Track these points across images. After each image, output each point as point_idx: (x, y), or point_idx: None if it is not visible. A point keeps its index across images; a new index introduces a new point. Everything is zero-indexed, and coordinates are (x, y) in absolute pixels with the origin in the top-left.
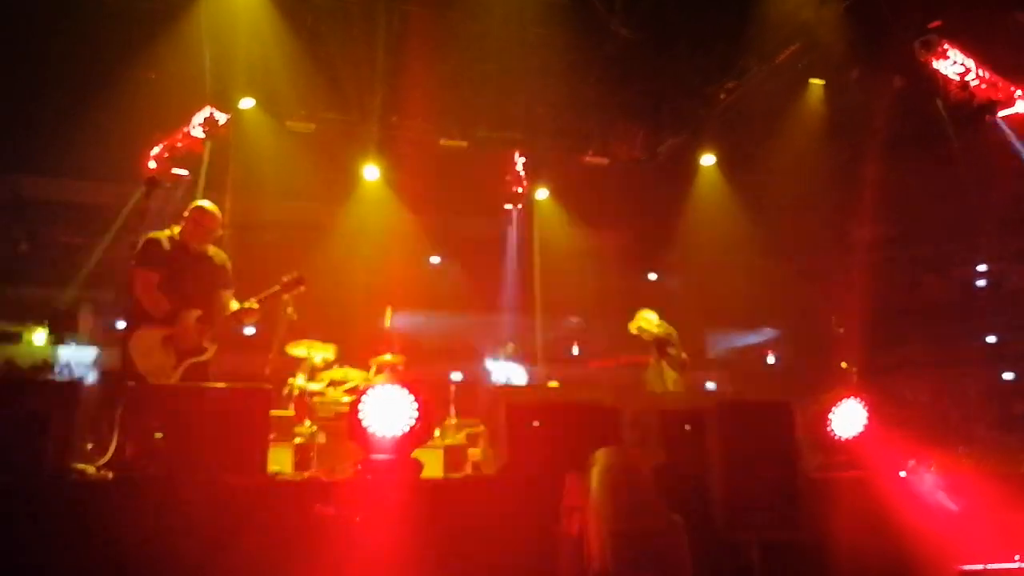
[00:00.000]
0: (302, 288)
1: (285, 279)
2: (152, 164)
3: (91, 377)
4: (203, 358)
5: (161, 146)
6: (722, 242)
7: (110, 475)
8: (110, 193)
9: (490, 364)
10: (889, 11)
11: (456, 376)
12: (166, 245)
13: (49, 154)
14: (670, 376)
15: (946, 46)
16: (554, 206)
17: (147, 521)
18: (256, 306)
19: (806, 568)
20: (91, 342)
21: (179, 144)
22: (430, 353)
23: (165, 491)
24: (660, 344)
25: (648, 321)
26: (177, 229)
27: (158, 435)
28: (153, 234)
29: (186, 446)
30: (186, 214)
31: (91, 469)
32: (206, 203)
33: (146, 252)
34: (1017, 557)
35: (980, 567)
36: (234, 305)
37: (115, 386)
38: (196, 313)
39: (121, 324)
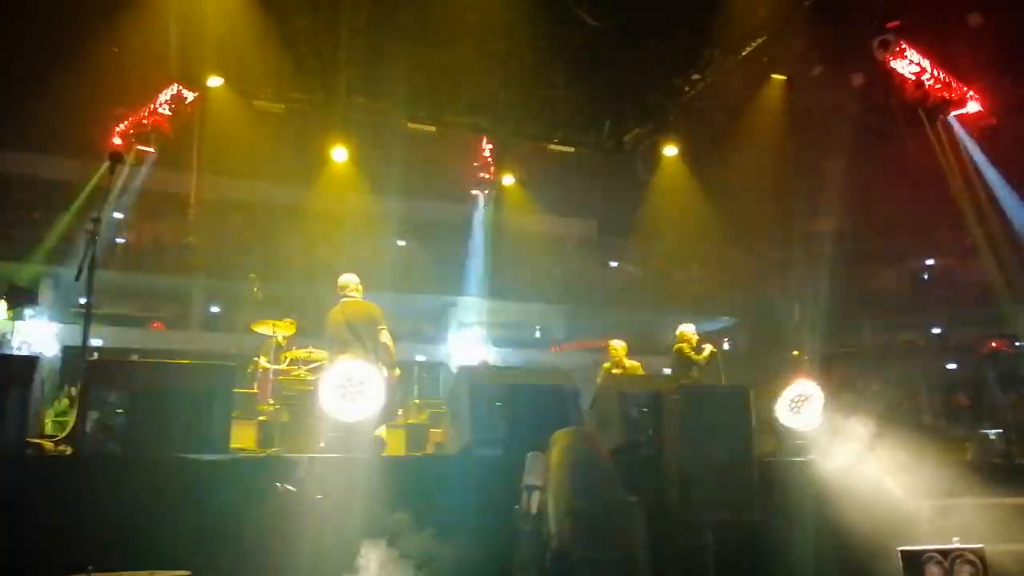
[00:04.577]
0: None
1: None
2: (117, 140)
3: (51, 352)
4: None
5: (126, 122)
6: (682, 231)
7: (68, 451)
8: (72, 168)
9: (454, 346)
10: (851, 10)
11: (420, 357)
12: None
13: (9, 127)
14: None
15: (904, 46)
16: (520, 192)
17: (105, 497)
18: None
19: (757, 549)
20: (51, 318)
21: (145, 121)
22: (395, 334)
23: (124, 468)
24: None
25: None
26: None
27: (119, 411)
28: None
29: (147, 423)
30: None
31: (49, 445)
32: None
33: None
34: (955, 539)
35: (920, 548)
36: None
37: (75, 362)
38: None
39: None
